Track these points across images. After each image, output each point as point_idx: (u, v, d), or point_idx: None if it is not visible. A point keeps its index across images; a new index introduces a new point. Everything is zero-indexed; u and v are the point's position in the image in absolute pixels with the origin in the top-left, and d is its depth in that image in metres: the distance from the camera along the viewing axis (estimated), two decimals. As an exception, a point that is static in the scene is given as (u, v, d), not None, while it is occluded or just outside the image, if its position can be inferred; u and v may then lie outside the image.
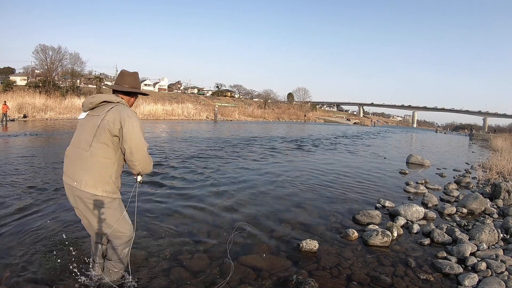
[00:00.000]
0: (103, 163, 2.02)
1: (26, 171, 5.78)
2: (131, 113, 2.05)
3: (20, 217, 3.58)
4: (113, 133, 1.99)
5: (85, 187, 2.00)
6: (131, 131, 2.00)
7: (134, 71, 2.28)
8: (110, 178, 2.06)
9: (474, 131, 49.89)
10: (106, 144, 2.01)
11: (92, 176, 2.00)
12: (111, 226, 2.11)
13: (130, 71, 2.27)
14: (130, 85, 2.21)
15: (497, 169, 8.83)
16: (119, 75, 2.26)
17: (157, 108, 31.13)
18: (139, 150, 2.03)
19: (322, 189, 5.87)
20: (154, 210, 4.07)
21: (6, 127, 14.34)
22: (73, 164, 2.06)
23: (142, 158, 2.05)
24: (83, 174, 2.01)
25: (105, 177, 2.03)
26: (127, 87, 2.20)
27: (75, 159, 2.05)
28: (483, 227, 3.78)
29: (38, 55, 31.57)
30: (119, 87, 2.19)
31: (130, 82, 2.22)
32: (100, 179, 2.02)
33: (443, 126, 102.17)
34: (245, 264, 2.86)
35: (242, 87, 68.40)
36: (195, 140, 12.60)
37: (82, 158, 2.02)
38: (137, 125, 2.03)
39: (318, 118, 60.83)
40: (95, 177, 2.01)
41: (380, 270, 2.93)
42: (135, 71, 2.28)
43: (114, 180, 2.10)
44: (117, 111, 2.02)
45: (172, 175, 6.08)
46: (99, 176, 2.02)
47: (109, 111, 2.03)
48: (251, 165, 7.74)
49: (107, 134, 1.99)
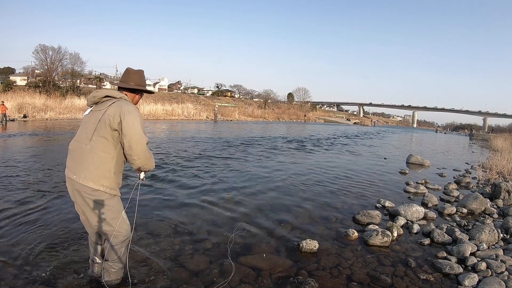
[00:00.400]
0: (102, 157, 2.03)
1: (27, 171, 5.78)
2: (132, 108, 2.06)
3: (20, 216, 3.58)
4: (113, 127, 2.00)
5: (83, 180, 2.01)
6: (131, 125, 2.00)
7: (139, 69, 2.30)
8: (109, 173, 2.06)
9: (474, 131, 49.93)
10: (106, 138, 2.02)
11: (90, 170, 2.01)
12: (108, 223, 2.11)
13: (135, 69, 2.29)
14: (135, 83, 2.24)
15: (497, 169, 8.83)
16: (125, 72, 2.28)
17: (157, 108, 31.10)
18: (138, 144, 2.02)
19: (322, 189, 5.87)
20: (154, 210, 4.07)
21: (5, 127, 14.34)
22: (74, 158, 2.08)
23: (141, 152, 2.05)
24: (82, 168, 2.02)
25: (104, 171, 2.04)
26: (133, 84, 2.23)
27: (76, 153, 2.07)
28: (483, 227, 3.78)
29: (38, 55, 31.58)
30: (124, 84, 2.22)
31: (135, 79, 2.24)
32: (98, 173, 2.02)
33: (443, 126, 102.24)
34: (245, 264, 2.86)
35: (242, 87, 68.41)
36: (195, 141, 12.60)
37: (83, 152, 2.04)
38: (137, 120, 2.03)
39: (318, 118, 60.81)
40: (94, 170, 2.01)
41: (380, 270, 2.94)
42: (141, 69, 2.30)
43: (113, 176, 2.09)
44: (118, 105, 2.04)
45: (172, 175, 6.08)
46: (98, 169, 2.02)
47: (111, 105, 2.05)
48: (251, 165, 7.74)
49: (107, 128, 2.00)
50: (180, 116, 32.14)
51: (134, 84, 2.23)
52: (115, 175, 2.12)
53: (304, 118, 54.10)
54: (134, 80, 2.24)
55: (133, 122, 2.01)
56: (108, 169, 2.06)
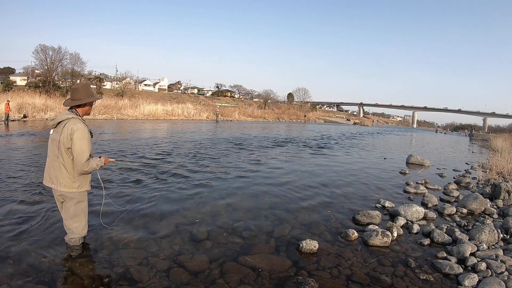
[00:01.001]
0: (67, 169, 2.59)
1: (28, 171, 5.78)
2: (79, 127, 2.54)
3: (21, 216, 3.58)
4: (67, 146, 2.54)
5: (58, 187, 2.61)
6: (75, 143, 2.51)
7: (82, 84, 2.81)
8: (75, 178, 2.62)
9: (474, 131, 49.97)
10: (67, 154, 2.56)
11: (60, 179, 2.60)
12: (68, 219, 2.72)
13: (78, 85, 2.76)
14: (79, 98, 2.66)
15: (497, 169, 8.84)
16: (71, 91, 2.77)
17: (157, 108, 31.07)
18: (78, 158, 2.53)
19: (322, 189, 5.87)
20: (154, 211, 4.07)
21: (8, 127, 14.35)
22: (49, 171, 2.66)
23: (79, 164, 2.55)
24: (56, 178, 2.61)
25: (70, 178, 2.61)
26: (77, 101, 2.65)
27: (50, 168, 2.65)
28: (483, 227, 3.78)
29: (38, 55, 31.55)
30: (71, 103, 2.67)
31: (79, 95, 2.66)
32: (67, 181, 2.60)
33: (443, 126, 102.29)
34: (245, 264, 2.86)
35: (242, 87, 68.43)
36: (195, 141, 12.59)
37: (54, 167, 2.61)
38: (80, 138, 2.51)
39: (318, 118, 60.78)
40: (63, 179, 2.60)
41: (380, 270, 2.94)
42: (83, 83, 2.82)
43: (79, 179, 2.63)
44: (68, 127, 2.54)
45: (172, 176, 6.07)
46: (66, 178, 2.60)
47: (64, 127, 2.56)
48: (250, 166, 7.74)
49: (64, 147, 2.53)
50: (180, 116, 32.11)
51: (78, 101, 2.65)
52: (80, 179, 2.65)
53: (304, 118, 54.09)
54: (79, 96, 2.66)
55: (76, 141, 2.51)
56: (73, 176, 2.61)
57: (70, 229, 2.74)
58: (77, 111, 2.68)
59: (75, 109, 2.67)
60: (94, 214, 3.53)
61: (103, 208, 3.45)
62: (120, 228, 3.42)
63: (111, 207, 3.78)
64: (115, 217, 3.67)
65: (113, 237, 3.19)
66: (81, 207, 2.72)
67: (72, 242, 2.77)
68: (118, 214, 3.74)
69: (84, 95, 2.68)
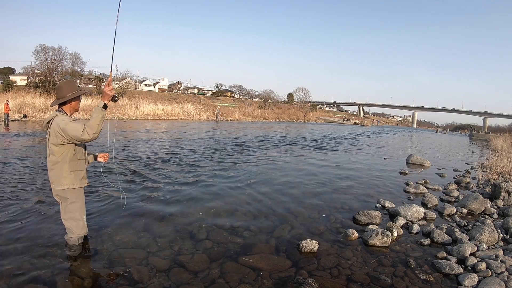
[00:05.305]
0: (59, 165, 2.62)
1: (28, 171, 5.78)
2: (63, 118, 2.56)
3: (21, 215, 3.58)
4: (56, 142, 2.55)
5: (52, 185, 2.67)
6: (66, 128, 2.48)
7: (66, 80, 2.89)
8: (66, 174, 2.63)
9: (474, 131, 49.93)
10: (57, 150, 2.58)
11: (52, 178, 2.64)
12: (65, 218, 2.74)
13: (61, 83, 2.78)
14: (63, 96, 2.66)
15: (497, 170, 8.84)
16: (55, 90, 2.79)
17: (157, 108, 31.07)
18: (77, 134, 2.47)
19: (322, 189, 5.87)
20: (154, 210, 4.06)
21: (8, 128, 14.34)
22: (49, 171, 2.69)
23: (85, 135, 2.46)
24: (50, 177, 2.66)
25: (62, 174, 2.63)
26: (61, 99, 2.66)
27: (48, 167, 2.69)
28: (483, 227, 3.78)
29: (38, 55, 31.57)
30: (57, 102, 2.69)
31: (63, 93, 2.66)
32: (58, 178, 2.63)
33: (443, 126, 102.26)
34: (245, 264, 2.86)
35: (242, 87, 68.47)
36: (195, 141, 12.60)
37: (48, 166, 2.68)
38: (67, 122, 2.50)
39: (318, 118, 60.75)
40: (55, 177, 2.64)
41: (380, 270, 2.94)
42: (66, 80, 2.89)
43: (71, 175, 2.64)
44: (54, 123, 2.56)
45: (173, 176, 6.08)
46: (57, 176, 2.63)
47: (51, 125, 2.59)
48: (250, 166, 7.74)
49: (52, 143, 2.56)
50: (180, 116, 32.10)
51: (62, 98, 2.66)
52: (73, 174, 2.66)
53: (304, 118, 54.10)
54: (63, 94, 2.66)
55: (65, 127, 2.48)
56: (65, 171, 2.63)
57: (68, 228, 2.77)
58: (64, 109, 2.70)
59: (61, 108, 2.69)
60: (94, 214, 3.53)
61: (104, 208, 3.46)
62: (120, 228, 3.42)
63: (111, 206, 3.79)
64: (115, 217, 3.68)
65: (113, 237, 3.19)
66: (76, 207, 2.72)
67: (71, 242, 2.79)
68: (118, 214, 3.74)
69: (67, 92, 2.68)
